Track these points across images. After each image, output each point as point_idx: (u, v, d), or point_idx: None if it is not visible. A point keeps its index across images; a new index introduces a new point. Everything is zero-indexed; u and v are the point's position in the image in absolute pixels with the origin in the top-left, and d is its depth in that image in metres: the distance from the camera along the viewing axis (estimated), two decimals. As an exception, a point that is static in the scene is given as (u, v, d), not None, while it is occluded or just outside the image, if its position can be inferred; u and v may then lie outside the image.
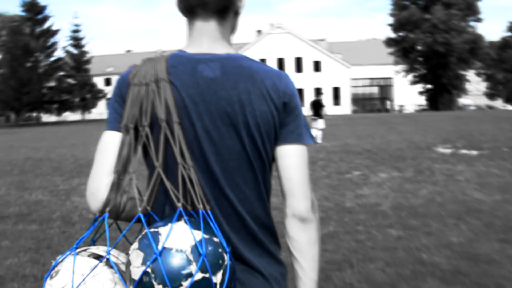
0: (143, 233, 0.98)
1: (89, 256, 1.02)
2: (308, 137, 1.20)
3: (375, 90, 63.63)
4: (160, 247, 0.94)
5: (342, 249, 4.34)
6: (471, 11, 49.96)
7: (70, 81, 49.68)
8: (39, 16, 47.73)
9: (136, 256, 0.96)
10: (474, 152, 10.90)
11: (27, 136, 25.08)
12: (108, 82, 63.59)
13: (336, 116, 36.20)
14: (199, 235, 0.96)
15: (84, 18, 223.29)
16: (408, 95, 60.17)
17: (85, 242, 1.09)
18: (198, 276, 0.93)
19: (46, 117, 53.96)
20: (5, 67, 45.93)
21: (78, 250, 1.03)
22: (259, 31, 58.46)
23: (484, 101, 70.78)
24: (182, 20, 1.24)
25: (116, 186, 1.09)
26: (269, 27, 54.87)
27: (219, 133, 1.12)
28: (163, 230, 0.96)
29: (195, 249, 0.94)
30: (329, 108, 48.05)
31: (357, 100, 60.09)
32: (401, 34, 51.88)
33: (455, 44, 46.99)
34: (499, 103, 67.27)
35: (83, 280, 0.97)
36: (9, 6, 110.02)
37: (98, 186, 1.10)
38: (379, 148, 12.40)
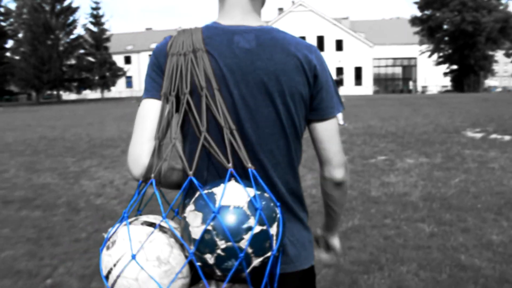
0: (197, 195, 1.00)
1: (142, 224, 1.03)
2: (339, 105, 1.25)
3: (398, 70, 61.90)
4: (217, 205, 0.96)
5: (369, 246, 3.90)
6: (504, -13, 47.77)
7: (90, 59, 49.57)
8: (60, -6, 47.48)
9: (194, 217, 0.98)
10: (507, 137, 10.23)
11: (45, 114, 25.03)
12: (127, 60, 63.48)
13: (357, 96, 35.33)
14: (252, 191, 1.00)
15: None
16: (432, 76, 58.55)
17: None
18: (257, 229, 0.96)
19: (66, 95, 54.18)
20: (26, 45, 46.01)
21: (129, 220, 1.04)
22: (280, 9, 57.29)
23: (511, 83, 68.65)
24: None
25: (157, 152, 1.10)
26: (291, 5, 53.70)
27: (255, 101, 1.14)
28: (217, 190, 0.99)
29: (251, 204, 0.98)
30: (350, 88, 47.29)
31: (379, 80, 58.68)
32: (427, 12, 50.03)
33: (485, 23, 44.93)
34: (527, 85, 65.18)
35: (142, 246, 0.98)
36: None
37: (140, 152, 1.11)
38: (404, 131, 11.80)
